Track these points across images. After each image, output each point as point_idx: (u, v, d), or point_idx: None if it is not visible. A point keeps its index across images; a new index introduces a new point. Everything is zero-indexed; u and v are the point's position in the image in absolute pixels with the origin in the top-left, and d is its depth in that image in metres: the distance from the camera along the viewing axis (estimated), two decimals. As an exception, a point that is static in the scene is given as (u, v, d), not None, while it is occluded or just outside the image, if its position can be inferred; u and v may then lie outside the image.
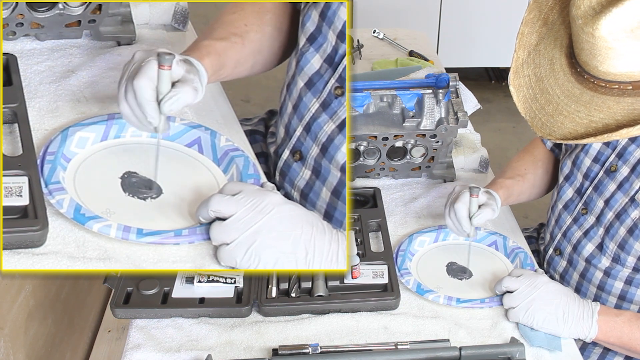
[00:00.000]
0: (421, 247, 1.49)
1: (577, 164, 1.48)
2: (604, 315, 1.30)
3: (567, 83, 1.18)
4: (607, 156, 1.42)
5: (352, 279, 1.31)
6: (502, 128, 3.59)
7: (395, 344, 1.21)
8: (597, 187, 1.43)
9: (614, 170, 1.39)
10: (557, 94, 1.19)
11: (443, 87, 1.53)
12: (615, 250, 1.38)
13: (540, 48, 1.24)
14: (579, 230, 1.46)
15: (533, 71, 1.23)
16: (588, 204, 1.45)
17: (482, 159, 1.73)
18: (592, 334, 1.28)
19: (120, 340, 1.90)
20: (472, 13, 3.60)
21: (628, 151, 1.38)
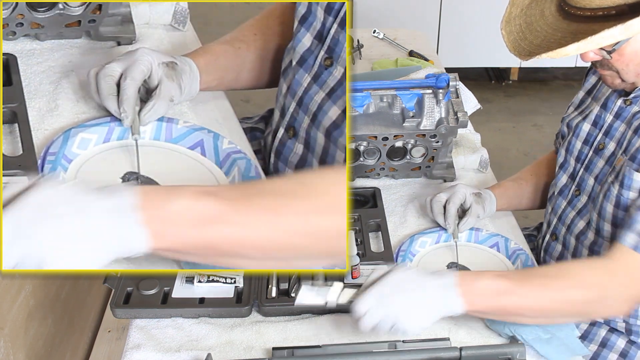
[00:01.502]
0: (422, 248, 1.50)
1: (570, 149, 1.50)
2: (463, 285, 1.16)
3: (555, 21, 1.27)
4: (595, 136, 1.45)
5: (352, 279, 1.31)
6: (502, 128, 3.59)
7: (395, 343, 1.21)
8: (588, 167, 1.45)
9: (602, 147, 1.42)
10: (545, 29, 1.28)
11: (443, 87, 1.53)
12: (597, 221, 1.40)
13: (532, 5, 1.33)
14: (572, 211, 1.48)
15: (524, 20, 1.33)
16: (580, 185, 1.47)
17: (482, 159, 1.73)
18: (457, 308, 1.16)
19: (120, 340, 1.90)
20: (472, 13, 3.60)
21: (614, 127, 1.41)
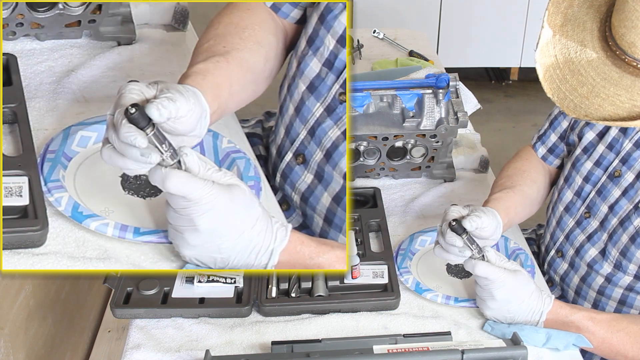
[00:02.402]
0: (422, 247, 1.49)
1: (577, 166, 1.46)
2: (553, 320, 1.27)
3: (602, 66, 1.11)
4: (610, 161, 1.40)
5: (352, 279, 1.31)
6: (502, 128, 3.60)
7: (396, 337, 1.21)
8: (601, 192, 1.41)
9: (618, 175, 1.38)
10: (592, 76, 1.12)
11: (443, 87, 1.53)
12: (617, 257, 1.37)
13: (567, 29, 1.17)
14: (582, 234, 1.45)
15: (560, 51, 1.16)
16: (591, 208, 1.43)
17: (482, 159, 1.73)
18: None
19: (120, 340, 1.90)
20: (472, 13, 3.61)
21: (633, 157, 1.37)
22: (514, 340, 1.21)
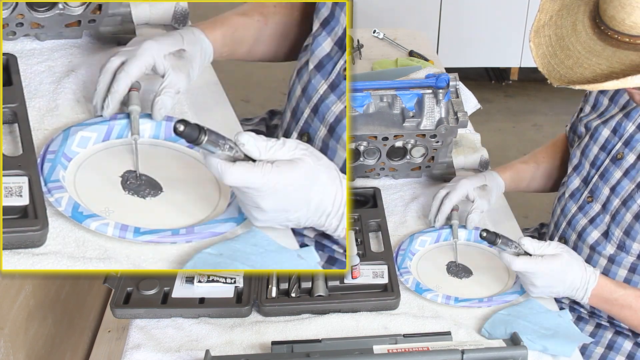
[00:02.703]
0: (422, 247, 1.50)
1: (586, 153, 1.49)
2: (597, 296, 1.32)
3: (589, 40, 1.18)
4: (614, 144, 1.43)
5: (352, 279, 1.31)
6: (502, 128, 3.60)
7: (396, 337, 1.21)
8: (603, 175, 1.44)
9: (620, 157, 1.41)
10: (578, 49, 1.19)
11: (443, 87, 1.53)
12: (621, 237, 1.39)
13: (563, 13, 1.24)
14: (584, 218, 1.47)
15: (554, 31, 1.23)
16: (594, 192, 1.45)
17: (482, 159, 1.73)
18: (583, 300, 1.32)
19: (120, 340, 1.90)
20: (472, 13, 3.61)
21: (635, 139, 1.40)
22: (514, 340, 1.22)
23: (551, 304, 1.37)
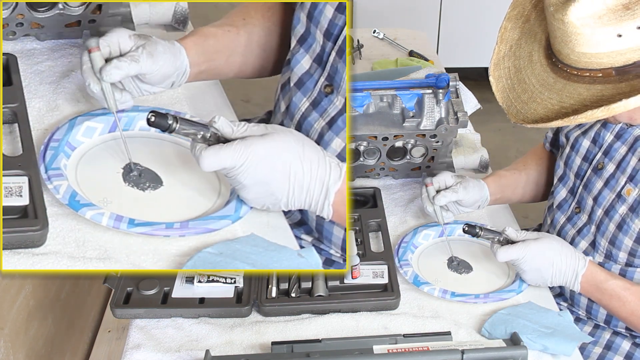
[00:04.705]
0: (425, 241, 1.50)
1: (569, 164, 1.49)
2: (588, 283, 1.34)
3: (542, 73, 1.22)
4: (595, 154, 1.43)
5: (352, 279, 1.31)
6: (502, 128, 3.59)
7: (396, 337, 1.21)
8: (587, 186, 1.44)
9: (601, 167, 1.41)
10: (533, 82, 1.23)
11: (443, 87, 1.53)
12: (607, 247, 1.39)
13: (522, 42, 1.28)
14: (572, 229, 1.47)
15: (513, 63, 1.28)
16: (580, 203, 1.45)
17: (482, 159, 1.73)
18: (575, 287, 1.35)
19: (120, 340, 1.90)
20: (472, 13, 3.60)
21: (613, 148, 1.40)
22: (514, 340, 1.22)
23: (551, 303, 1.37)
